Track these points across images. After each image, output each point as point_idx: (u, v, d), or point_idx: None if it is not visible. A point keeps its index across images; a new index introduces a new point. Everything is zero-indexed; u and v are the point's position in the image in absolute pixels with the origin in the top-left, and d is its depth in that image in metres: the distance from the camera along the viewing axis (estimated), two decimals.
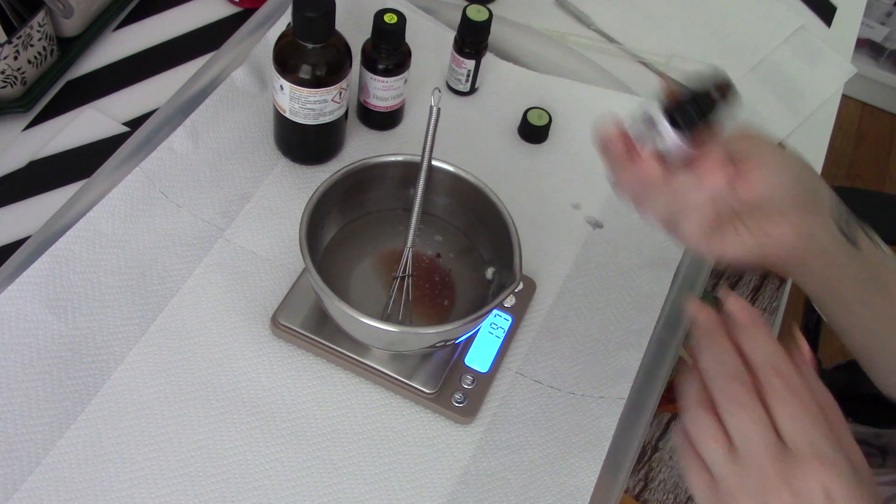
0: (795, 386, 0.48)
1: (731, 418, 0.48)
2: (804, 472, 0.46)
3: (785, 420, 0.47)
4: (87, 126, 0.81)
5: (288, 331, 0.67)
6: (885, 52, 2.11)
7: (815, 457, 0.46)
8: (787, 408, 0.47)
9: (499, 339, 0.70)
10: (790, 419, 0.47)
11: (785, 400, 0.47)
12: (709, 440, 0.48)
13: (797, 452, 0.46)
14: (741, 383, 0.48)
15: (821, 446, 0.46)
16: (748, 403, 0.47)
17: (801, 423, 0.47)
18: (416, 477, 0.64)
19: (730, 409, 0.48)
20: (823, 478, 0.46)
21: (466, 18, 0.80)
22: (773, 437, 0.47)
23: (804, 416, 0.47)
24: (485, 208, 0.67)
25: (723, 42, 1.00)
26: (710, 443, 0.48)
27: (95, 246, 0.70)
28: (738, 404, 0.48)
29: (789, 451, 0.46)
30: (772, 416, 0.47)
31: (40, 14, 0.78)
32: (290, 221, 0.75)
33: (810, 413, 0.47)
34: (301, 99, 0.71)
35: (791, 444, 0.46)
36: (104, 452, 0.62)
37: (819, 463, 0.46)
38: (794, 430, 0.47)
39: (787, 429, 0.47)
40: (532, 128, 0.83)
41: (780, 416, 0.47)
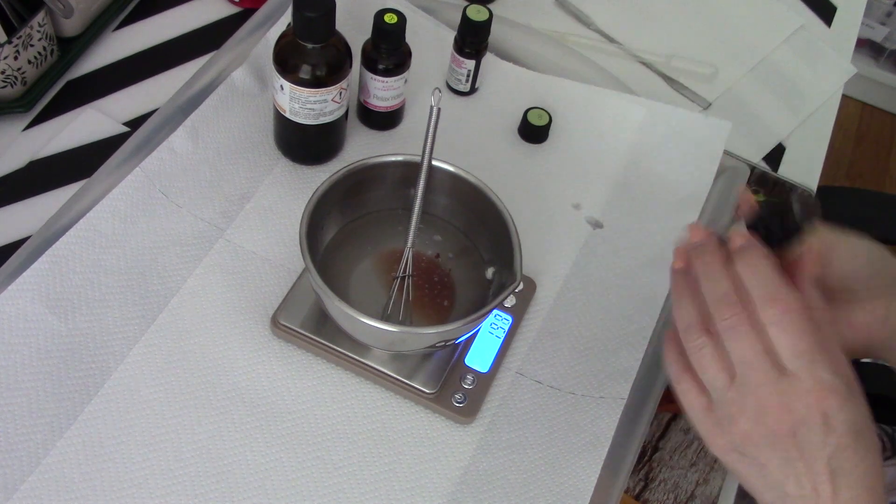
0: (792, 311, 0.48)
1: (729, 345, 0.48)
2: (802, 397, 0.47)
3: (782, 346, 0.47)
4: (87, 126, 0.81)
5: (288, 331, 0.67)
6: (885, 52, 2.11)
7: (812, 381, 0.47)
8: (783, 334, 0.47)
9: (499, 339, 0.70)
10: (787, 346, 0.47)
11: (781, 326, 0.47)
12: (711, 367, 0.49)
13: (795, 378, 0.47)
14: (738, 311, 0.48)
15: (818, 371, 0.47)
16: (746, 331, 0.48)
17: (798, 350, 0.47)
18: (416, 477, 0.64)
19: (729, 337, 0.48)
20: (822, 402, 0.47)
21: (466, 18, 0.80)
22: (770, 363, 0.47)
23: (801, 342, 0.47)
24: (485, 208, 0.67)
25: (723, 42, 1.01)
26: (712, 370, 0.49)
27: (95, 246, 0.70)
28: (736, 332, 0.48)
29: (787, 375, 0.47)
30: (769, 342, 0.48)
31: (40, 14, 0.78)
32: (290, 221, 0.75)
33: (807, 339, 0.47)
34: (301, 99, 0.71)
35: (791, 370, 0.47)
36: (104, 452, 0.62)
37: (817, 387, 0.47)
38: (792, 357, 0.47)
39: (785, 355, 0.47)
40: (532, 128, 0.83)
41: (777, 342, 0.48)
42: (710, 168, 0.83)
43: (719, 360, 0.49)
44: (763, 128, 0.93)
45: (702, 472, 0.70)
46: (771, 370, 0.48)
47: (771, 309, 0.48)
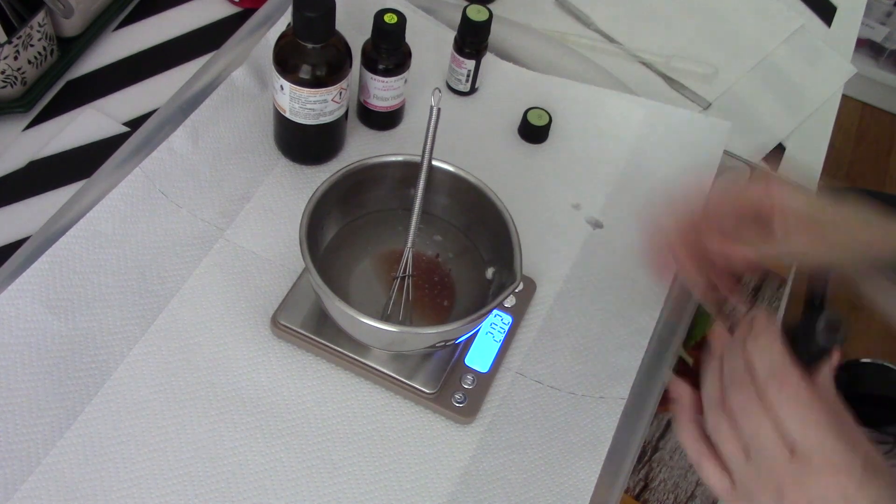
0: (801, 393, 0.48)
1: (741, 424, 0.49)
2: (817, 478, 0.46)
3: (793, 427, 0.47)
4: (87, 126, 0.81)
5: (288, 331, 0.67)
6: (885, 52, 2.11)
7: (825, 463, 0.46)
8: (793, 415, 0.47)
9: (499, 339, 0.70)
10: (797, 426, 0.47)
11: (791, 408, 0.48)
12: (727, 444, 0.50)
13: (808, 458, 0.47)
14: (749, 392, 0.49)
15: (831, 451, 0.47)
16: (756, 412, 0.48)
17: (809, 430, 0.47)
18: (416, 477, 0.64)
19: (740, 416, 0.49)
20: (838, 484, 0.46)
21: (466, 18, 0.80)
22: (781, 444, 0.47)
23: (811, 422, 0.47)
24: (485, 208, 0.67)
25: (723, 42, 1.01)
26: (729, 447, 0.49)
27: (95, 246, 0.70)
28: (746, 412, 0.49)
29: (798, 457, 0.47)
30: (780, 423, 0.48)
31: (40, 14, 0.78)
32: (290, 221, 0.75)
33: (817, 419, 0.47)
34: (301, 99, 0.71)
35: (801, 450, 0.47)
36: (104, 452, 0.62)
37: (831, 469, 0.46)
38: (803, 437, 0.47)
39: (796, 436, 0.47)
40: (532, 128, 0.83)
41: (788, 423, 0.48)
42: (710, 168, 0.83)
43: (736, 438, 0.50)
44: (763, 128, 0.93)
45: None
46: (782, 450, 0.47)
47: (776, 389, 0.48)
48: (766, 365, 0.49)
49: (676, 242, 0.64)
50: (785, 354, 0.49)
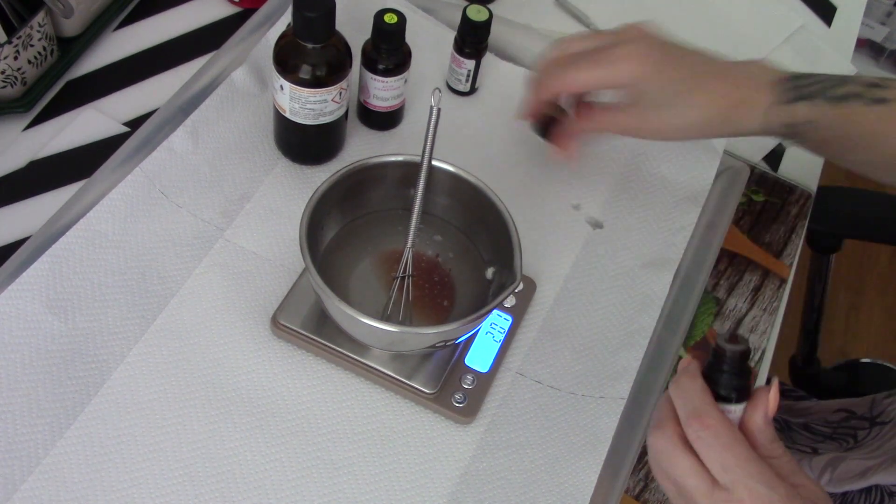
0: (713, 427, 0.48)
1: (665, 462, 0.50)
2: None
3: (711, 462, 0.48)
4: (87, 126, 0.81)
5: (288, 331, 0.67)
6: (885, 52, 2.11)
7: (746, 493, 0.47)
8: (712, 453, 0.48)
9: (499, 339, 0.70)
10: (716, 461, 0.48)
11: (705, 442, 0.48)
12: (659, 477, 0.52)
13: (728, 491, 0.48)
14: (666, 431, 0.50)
15: (751, 483, 0.47)
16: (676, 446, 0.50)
17: (726, 464, 0.48)
18: (416, 477, 0.64)
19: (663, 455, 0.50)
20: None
21: (466, 18, 0.80)
22: (703, 478, 0.48)
23: (727, 456, 0.48)
24: (485, 208, 0.67)
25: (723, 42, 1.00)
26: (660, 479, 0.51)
27: (95, 246, 0.70)
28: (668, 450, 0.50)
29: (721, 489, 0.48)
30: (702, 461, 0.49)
31: (40, 14, 0.78)
32: (290, 221, 0.75)
33: (733, 453, 0.48)
34: (301, 99, 0.71)
35: (722, 484, 0.48)
36: (104, 452, 0.62)
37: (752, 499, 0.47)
38: (721, 471, 0.48)
39: (714, 469, 0.48)
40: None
41: (708, 461, 0.48)
42: (710, 168, 0.83)
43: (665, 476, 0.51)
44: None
45: None
46: (703, 484, 0.48)
47: (692, 427, 0.49)
48: (684, 403, 0.50)
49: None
50: (705, 393, 0.50)
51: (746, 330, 0.78)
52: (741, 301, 0.80)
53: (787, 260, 0.83)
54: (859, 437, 0.92)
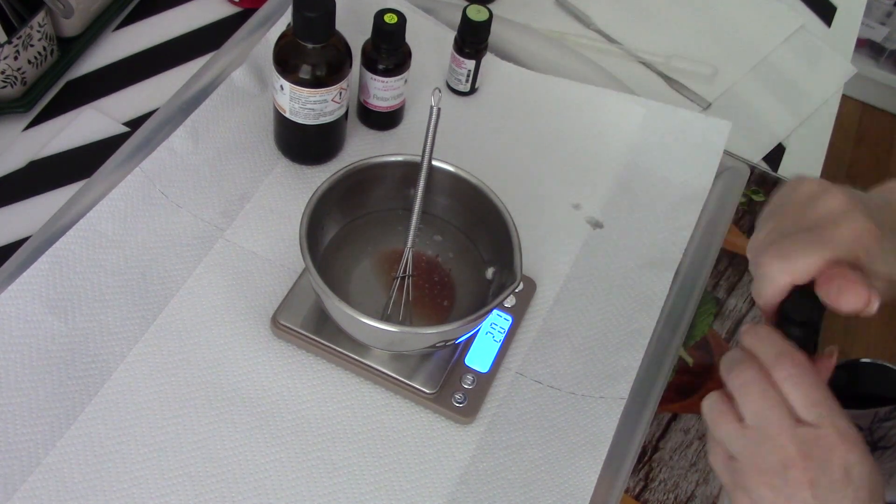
0: (802, 366, 0.48)
1: (742, 399, 0.48)
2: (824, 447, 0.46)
3: (798, 398, 0.47)
4: (87, 126, 0.81)
5: (288, 331, 0.67)
6: (885, 52, 2.11)
7: (833, 430, 0.46)
8: (799, 387, 0.47)
9: (499, 339, 0.70)
10: (803, 397, 0.47)
11: (795, 380, 0.47)
12: (720, 421, 0.49)
13: (813, 426, 0.46)
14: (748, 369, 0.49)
15: (838, 422, 0.46)
16: (756, 380, 0.48)
17: (814, 400, 0.47)
18: (416, 477, 0.64)
19: (741, 391, 0.49)
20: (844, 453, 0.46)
21: (466, 18, 0.80)
22: (786, 412, 0.47)
23: (817, 393, 0.47)
24: (485, 208, 0.67)
25: (723, 42, 1.01)
26: (722, 423, 0.49)
27: (95, 246, 0.70)
28: (749, 385, 0.48)
29: (805, 426, 0.47)
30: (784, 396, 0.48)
31: (40, 14, 0.78)
32: (290, 221, 0.75)
33: (822, 390, 0.47)
34: (301, 99, 0.71)
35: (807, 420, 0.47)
36: (104, 452, 0.62)
37: (839, 438, 0.46)
38: (808, 407, 0.47)
39: (801, 406, 0.47)
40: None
41: (793, 394, 0.47)
42: (710, 168, 0.83)
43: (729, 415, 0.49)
44: (763, 128, 0.93)
45: (702, 472, 0.70)
46: (787, 418, 0.47)
47: (781, 366, 0.48)
48: (766, 349, 0.49)
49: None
50: (785, 340, 0.49)
51: None
52: (741, 301, 0.80)
53: None
54: None
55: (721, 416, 0.50)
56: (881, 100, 2.20)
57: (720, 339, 0.77)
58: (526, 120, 0.85)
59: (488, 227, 0.68)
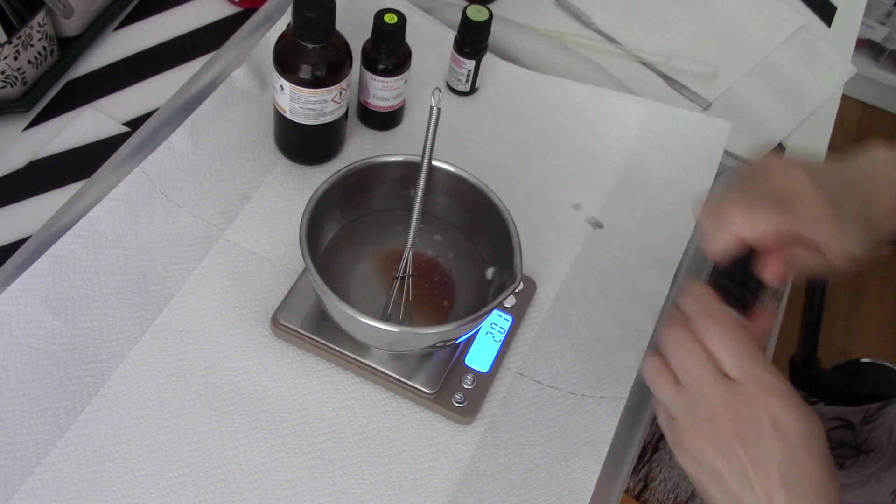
0: (729, 324, 0.50)
1: (672, 357, 0.51)
2: (750, 401, 0.48)
3: (724, 356, 0.49)
4: (87, 126, 0.81)
5: (288, 331, 0.67)
6: (885, 52, 2.11)
7: (759, 386, 0.48)
8: (725, 344, 0.49)
9: (499, 339, 0.70)
10: (729, 354, 0.49)
11: (722, 338, 0.49)
12: (655, 379, 0.52)
13: (741, 383, 0.48)
14: (679, 327, 0.51)
15: (763, 377, 0.48)
16: (685, 341, 0.50)
17: (741, 357, 0.49)
18: (416, 477, 0.64)
19: (670, 349, 0.51)
20: (770, 405, 0.48)
21: (466, 18, 0.80)
22: (713, 371, 0.49)
23: (743, 350, 0.49)
24: (485, 208, 0.67)
25: (723, 42, 1.00)
26: (658, 382, 0.52)
27: (95, 246, 0.70)
28: (677, 343, 0.51)
29: (733, 382, 0.49)
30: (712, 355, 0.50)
31: (40, 14, 0.78)
32: (290, 221, 0.75)
33: (749, 347, 0.49)
34: (301, 99, 0.71)
35: (734, 377, 0.49)
36: (104, 452, 0.62)
37: (763, 391, 0.48)
38: (735, 364, 0.49)
39: (728, 363, 0.49)
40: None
41: (720, 353, 0.49)
42: (710, 168, 0.83)
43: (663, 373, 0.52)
44: (763, 128, 0.93)
45: None
46: (716, 377, 0.49)
47: (709, 324, 0.50)
48: (697, 308, 0.51)
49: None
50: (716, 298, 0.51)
51: None
52: None
53: None
54: (846, 465, 0.92)
55: (658, 377, 0.52)
56: (881, 100, 2.20)
57: None
58: (526, 120, 0.85)
59: (488, 227, 0.68)
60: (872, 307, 1.88)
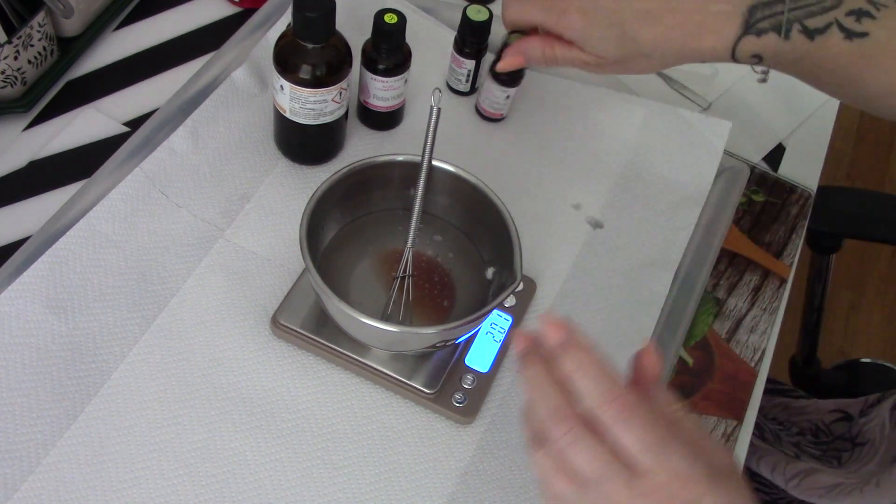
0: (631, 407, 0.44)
1: (573, 456, 0.44)
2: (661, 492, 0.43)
3: (630, 444, 0.43)
4: (87, 126, 0.81)
5: (288, 331, 0.67)
6: None
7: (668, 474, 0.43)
8: (628, 432, 0.43)
9: (499, 339, 0.70)
10: (634, 443, 0.43)
11: (624, 425, 0.44)
12: (556, 481, 0.45)
13: (650, 474, 0.43)
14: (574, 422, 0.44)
15: (673, 461, 0.43)
16: (588, 441, 0.44)
17: (646, 444, 0.43)
18: (416, 477, 0.64)
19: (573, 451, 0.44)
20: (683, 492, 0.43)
21: (466, 18, 0.80)
22: (619, 465, 0.43)
23: (648, 435, 0.43)
24: (485, 208, 0.67)
25: None
26: (555, 483, 0.45)
27: (95, 246, 0.70)
28: (578, 445, 0.44)
29: (641, 474, 0.43)
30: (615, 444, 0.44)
31: (40, 14, 0.78)
32: (290, 221, 0.75)
33: (653, 432, 0.43)
34: (301, 99, 0.71)
35: (644, 468, 0.43)
36: (104, 452, 0.62)
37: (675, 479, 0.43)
38: (641, 452, 0.43)
39: (634, 452, 0.43)
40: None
41: (624, 441, 0.43)
42: (710, 168, 0.83)
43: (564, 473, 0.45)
44: (763, 128, 0.93)
45: None
46: (622, 472, 0.43)
47: (610, 409, 0.44)
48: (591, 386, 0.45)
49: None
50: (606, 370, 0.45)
51: (746, 330, 0.78)
52: (741, 301, 0.80)
53: (787, 260, 0.83)
54: (843, 458, 0.92)
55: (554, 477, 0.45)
56: None
57: (720, 339, 0.77)
58: (526, 120, 0.85)
59: (488, 227, 0.68)
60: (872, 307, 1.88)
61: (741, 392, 0.74)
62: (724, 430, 0.72)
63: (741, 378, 0.75)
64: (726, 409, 0.73)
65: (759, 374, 0.76)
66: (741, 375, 0.75)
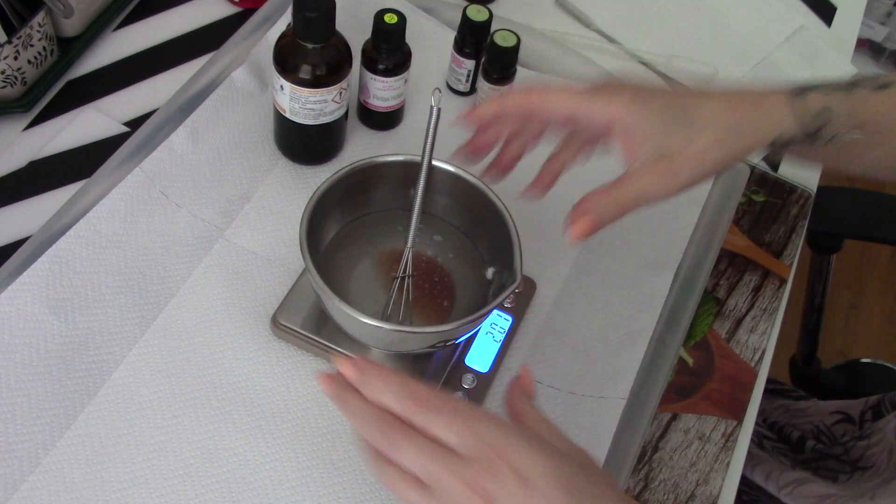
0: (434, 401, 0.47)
1: (403, 459, 0.47)
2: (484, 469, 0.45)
3: (448, 439, 0.46)
4: (87, 126, 0.81)
5: (288, 331, 0.67)
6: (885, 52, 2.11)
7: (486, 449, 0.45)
8: (438, 424, 0.46)
9: (499, 339, 0.70)
10: (450, 436, 0.46)
11: (432, 419, 0.46)
12: (404, 490, 0.47)
13: (472, 455, 0.45)
14: (390, 425, 0.47)
15: (486, 438, 0.46)
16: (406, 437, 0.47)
17: (460, 432, 0.46)
18: None
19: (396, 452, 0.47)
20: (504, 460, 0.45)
21: (466, 18, 0.80)
22: (443, 453, 0.46)
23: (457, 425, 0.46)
24: (485, 208, 0.67)
25: (723, 42, 1.01)
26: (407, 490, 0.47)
27: (95, 246, 0.70)
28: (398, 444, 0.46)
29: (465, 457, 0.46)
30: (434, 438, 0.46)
31: (40, 14, 0.78)
32: (290, 221, 0.75)
33: (462, 420, 0.46)
34: (301, 99, 0.71)
35: (464, 452, 0.46)
36: (104, 452, 0.62)
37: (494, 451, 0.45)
38: (459, 443, 0.46)
39: (452, 440, 0.46)
40: (499, 50, 0.80)
41: (439, 433, 0.46)
42: None
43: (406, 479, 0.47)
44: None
45: (702, 472, 0.70)
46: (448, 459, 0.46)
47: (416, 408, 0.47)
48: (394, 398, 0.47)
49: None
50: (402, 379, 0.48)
51: (746, 330, 0.78)
52: (741, 301, 0.80)
53: (787, 260, 0.83)
54: (840, 479, 0.92)
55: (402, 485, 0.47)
56: None
57: (720, 339, 0.77)
58: None
59: (488, 227, 0.68)
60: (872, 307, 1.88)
61: (741, 392, 0.74)
62: (724, 430, 0.72)
63: (741, 378, 0.75)
64: (726, 409, 0.73)
65: (759, 374, 0.76)
66: (741, 375, 0.75)
